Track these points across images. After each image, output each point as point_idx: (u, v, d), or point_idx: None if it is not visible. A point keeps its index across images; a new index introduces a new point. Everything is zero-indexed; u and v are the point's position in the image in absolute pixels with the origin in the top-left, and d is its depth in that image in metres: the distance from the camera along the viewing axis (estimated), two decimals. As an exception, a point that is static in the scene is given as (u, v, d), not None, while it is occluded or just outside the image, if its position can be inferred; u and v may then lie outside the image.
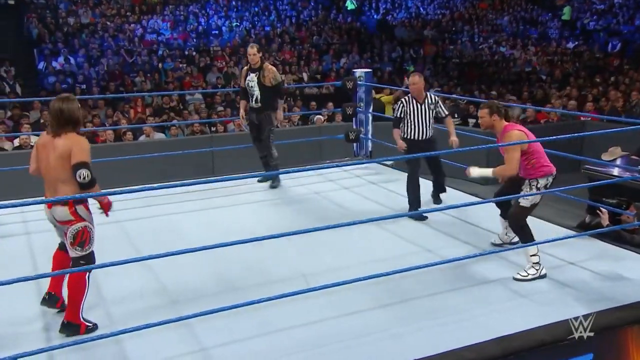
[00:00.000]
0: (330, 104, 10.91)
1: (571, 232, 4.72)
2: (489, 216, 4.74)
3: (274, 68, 5.96)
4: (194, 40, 15.99)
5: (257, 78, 5.81)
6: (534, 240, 3.97)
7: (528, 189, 4.01)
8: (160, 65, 13.92)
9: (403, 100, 5.18)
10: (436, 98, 5.21)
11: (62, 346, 2.93)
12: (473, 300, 3.65)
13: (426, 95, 5.16)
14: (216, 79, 13.31)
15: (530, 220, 4.05)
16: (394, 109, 5.67)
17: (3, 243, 4.64)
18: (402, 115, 5.12)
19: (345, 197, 5.71)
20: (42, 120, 8.58)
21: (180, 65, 14.02)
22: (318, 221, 4.75)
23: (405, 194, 5.16)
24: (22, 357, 2.71)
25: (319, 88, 13.55)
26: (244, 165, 6.49)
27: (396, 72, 15.67)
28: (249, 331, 3.30)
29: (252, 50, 5.85)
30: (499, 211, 4.42)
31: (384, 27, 18.69)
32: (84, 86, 12.37)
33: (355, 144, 7.29)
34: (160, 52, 14.72)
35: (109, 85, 12.44)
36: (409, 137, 5.11)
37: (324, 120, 9.73)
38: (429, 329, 3.34)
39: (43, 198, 3.19)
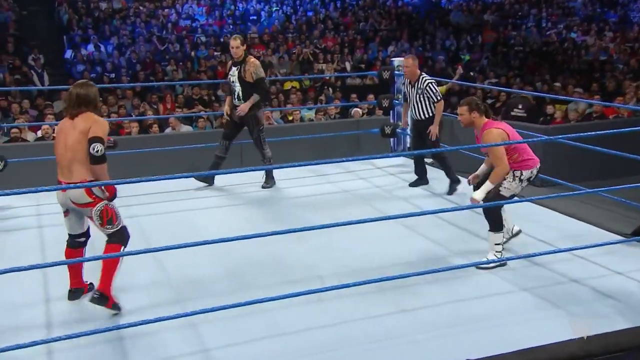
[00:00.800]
0: (371, 96, 10.96)
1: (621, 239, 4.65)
2: (519, 215, 4.76)
3: (257, 62, 5.97)
4: (231, 26, 16.32)
5: (238, 72, 5.83)
6: (502, 231, 4.28)
7: (511, 179, 4.25)
8: (192, 53, 14.28)
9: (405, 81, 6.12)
10: (426, 83, 5.86)
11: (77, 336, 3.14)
12: (502, 309, 3.66)
13: (418, 78, 5.90)
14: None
15: (575, 224, 4.03)
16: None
17: (16, 235, 4.92)
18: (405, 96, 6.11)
19: (373, 195, 5.77)
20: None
21: (215, 54, 14.34)
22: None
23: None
24: (20, 348, 2.92)
25: (362, 78, 13.62)
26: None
27: (450, 61, 15.56)
28: (256, 332, 3.42)
29: (235, 42, 5.85)
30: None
31: (438, 11, 18.58)
32: (112, 75, 12.84)
33: (392, 140, 7.33)
34: (194, 39, 15.11)
35: (139, 74, 12.86)
36: (410, 117, 6.13)
37: (364, 113, 9.77)
38: (451, 336, 3.38)
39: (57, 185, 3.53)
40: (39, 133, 8.14)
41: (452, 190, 5.84)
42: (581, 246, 4.20)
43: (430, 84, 5.87)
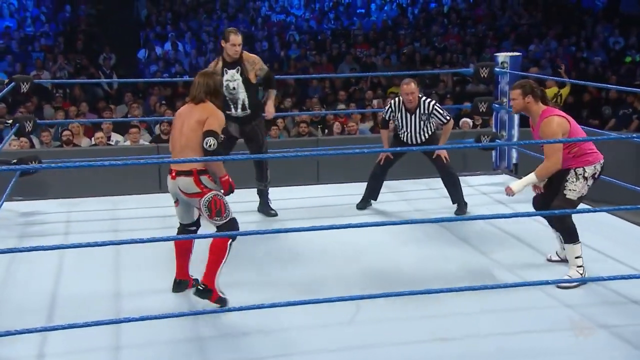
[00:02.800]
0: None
1: None
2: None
3: (253, 55, 5.96)
4: (332, 21, 17.06)
5: (240, 74, 5.75)
6: (578, 241, 4.48)
7: (574, 179, 4.44)
8: (282, 53, 15.07)
9: (392, 103, 6.17)
10: (431, 107, 6.01)
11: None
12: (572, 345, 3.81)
13: (419, 103, 6.00)
14: (349, 71, 14.07)
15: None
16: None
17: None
18: (389, 119, 6.24)
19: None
20: (130, 117, 9.79)
21: (308, 53, 15.06)
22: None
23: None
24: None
25: (488, 84, 13.72)
26: (351, 174, 6.94)
27: (610, 63, 15.24)
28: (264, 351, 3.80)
29: (238, 38, 5.73)
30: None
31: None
32: (186, 77, 13.85)
33: (494, 154, 7.49)
34: (287, 37, 15.96)
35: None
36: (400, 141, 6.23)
37: (477, 125, 9.89)
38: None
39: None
40: (93, 140, 9.05)
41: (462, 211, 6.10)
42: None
43: (436, 107, 6.04)
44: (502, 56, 7.28)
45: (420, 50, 15.39)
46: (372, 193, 6.36)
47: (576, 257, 4.50)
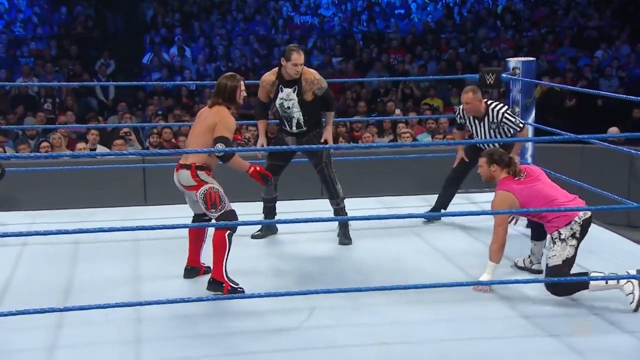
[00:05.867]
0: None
1: None
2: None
3: (314, 71, 6.45)
4: (364, 23, 17.91)
5: (297, 94, 6.33)
6: (587, 283, 5.05)
7: (551, 244, 5.16)
8: (303, 59, 15.93)
9: (459, 109, 7.16)
10: (501, 115, 6.84)
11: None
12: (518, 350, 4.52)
13: (487, 111, 6.89)
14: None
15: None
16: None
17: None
18: (461, 124, 7.22)
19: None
20: (124, 132, 10.61)
21: (333, 60, 15.92)
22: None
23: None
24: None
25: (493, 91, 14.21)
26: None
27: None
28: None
29: (300, 57, 6.20)
30: None
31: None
32: (193, 87, 14.82)
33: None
34: (310, 42, 16.86)
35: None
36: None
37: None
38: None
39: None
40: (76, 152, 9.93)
41: None
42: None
43: (506, 115, 6.88)
44: (514, 61, 7.96)
45: (465, 57, 16.12)
46: (441, 202, 7.27)
47: (624, 284, 5.04)
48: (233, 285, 5.25)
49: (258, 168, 5.39)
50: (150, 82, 14.51)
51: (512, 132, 6.92)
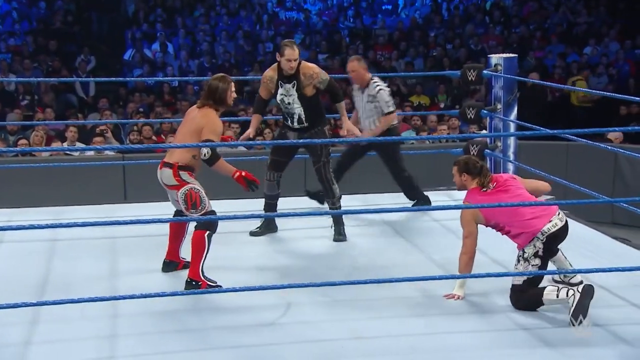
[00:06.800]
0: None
1: None
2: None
3: (312, 65, 6.57)
4: (351, 20, 18.08)
5: (296, 90, 6.45)
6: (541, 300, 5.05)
7: (516, 262, 5.18)
8: (287, 55, 16.09)
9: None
10: (377, 89, 7.15)
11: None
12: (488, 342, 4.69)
13: (369, 84, 7.19)
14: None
15: None
16: None
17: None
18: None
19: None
20: (100, 129, 10.71)
21: (320, 57, 16.06)
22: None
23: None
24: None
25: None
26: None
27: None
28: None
29: (294, 52, 6.30)
30: None
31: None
32: (175, 84, 14.94)
33: (489, 165, 8.27)
34: (296, 38, 16.98)
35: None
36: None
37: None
38: None
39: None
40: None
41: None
42: None
43: (382, 91, 7.15)
44: (496, 58, 8.13)
45: (453, 54, 16.31)
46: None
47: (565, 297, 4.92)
48: (210, 283, 5.39)
49: (244, 173, 5.44)
50: (132, 79, 14.59)
51: (379, 110, 7.18)
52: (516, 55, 8.30)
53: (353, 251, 6.48)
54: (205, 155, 5.29)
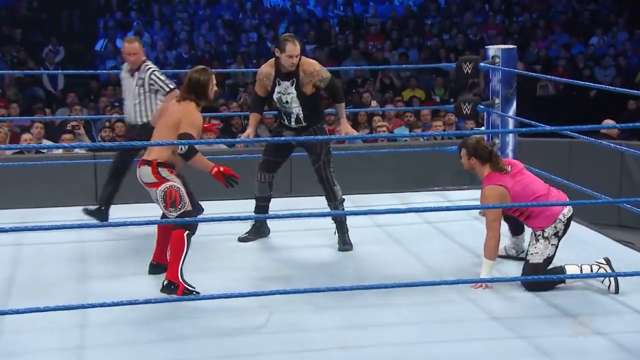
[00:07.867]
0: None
1: None
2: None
3: (313, 62, 6.55)
4: (341, 8, 18.11)
5: (295, 88, 6.46)
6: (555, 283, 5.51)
7: (534, 241, 5.54)
8: (273, 46, 16.12)
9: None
10: (149, 73, 6.89)
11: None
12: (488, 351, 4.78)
13: (141, 66, 6.96)
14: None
15: None
16: None
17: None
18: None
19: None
20: (72, 125, 10.72)
21: (307, 47, 16.06)
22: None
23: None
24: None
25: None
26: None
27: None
28: None
29: (296, 48, 6.27)
30: None
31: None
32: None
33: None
34: (281, 27, 17.03)
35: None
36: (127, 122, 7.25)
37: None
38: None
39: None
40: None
41: None
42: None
43: (154, 74, 6.90)
44: (494, 49, 8.18)
45: (450, 44, 16.37)
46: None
47: None
48: (188, 287, 5.45)
49: (222, 169, 5.46)
50: (104, 71, 14.56)
51: (161, 92, 6.95)
52: (515, 46, 8.36)
53: (345, 257, 6.53)
54: (181, 149, 5.35)
